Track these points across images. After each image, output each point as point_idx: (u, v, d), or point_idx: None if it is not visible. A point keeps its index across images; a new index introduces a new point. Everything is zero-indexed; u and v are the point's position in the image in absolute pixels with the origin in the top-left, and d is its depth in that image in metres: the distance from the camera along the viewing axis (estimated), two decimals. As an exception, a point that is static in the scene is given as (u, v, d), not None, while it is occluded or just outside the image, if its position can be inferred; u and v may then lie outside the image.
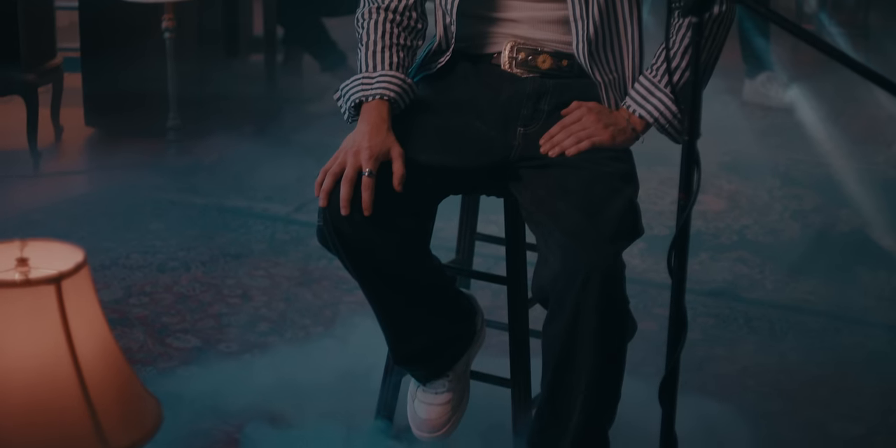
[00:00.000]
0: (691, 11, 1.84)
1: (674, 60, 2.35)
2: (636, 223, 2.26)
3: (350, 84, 2.37)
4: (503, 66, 2.42)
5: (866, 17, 6.32)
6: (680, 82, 2.33)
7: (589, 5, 2.34)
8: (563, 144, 2.33)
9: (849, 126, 5.07)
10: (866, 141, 4.91)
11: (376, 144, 2.26)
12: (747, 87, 5.46)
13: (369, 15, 2.44)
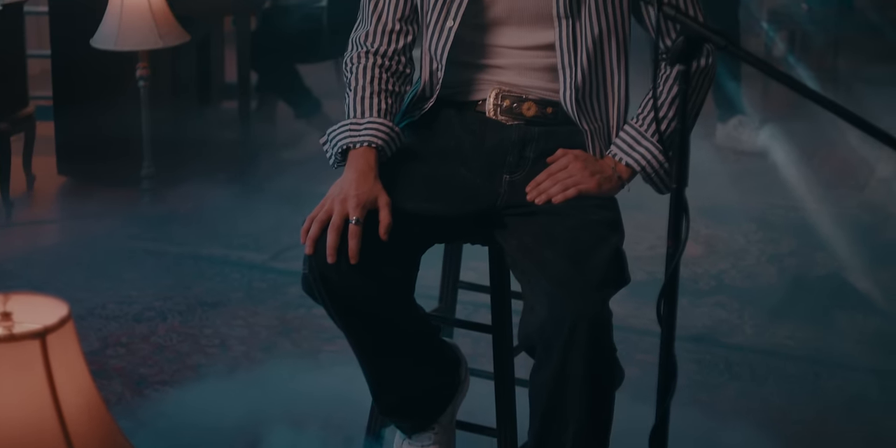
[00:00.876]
0: (678, 59, 1.85)
1: (661, 110, 2.36)
2: (623, 271, 2.25)
3: (337, 129, 2.37)
4: (488, 113, 2.42)
5: (835, 60, 6.37)
6: (667, 132, 2.34)
7: (577, 53, 2.35)
8: (550, 192, 2.33)
9: (821, 169, 5.09)
10: (839, 184, 4.94)
11: (364, 192, 2.25)
12: (720, 131, 5.48)
13: (358, 59, 2.43)
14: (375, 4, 2.44)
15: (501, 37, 2.40)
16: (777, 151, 5.28)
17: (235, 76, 5.41)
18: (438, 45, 2.40)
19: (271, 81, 5.33)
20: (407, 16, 2.43)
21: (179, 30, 4.41)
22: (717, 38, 1.82)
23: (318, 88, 5.44)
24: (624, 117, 2.44)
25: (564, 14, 2.34)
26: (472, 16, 2.39)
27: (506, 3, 2.37)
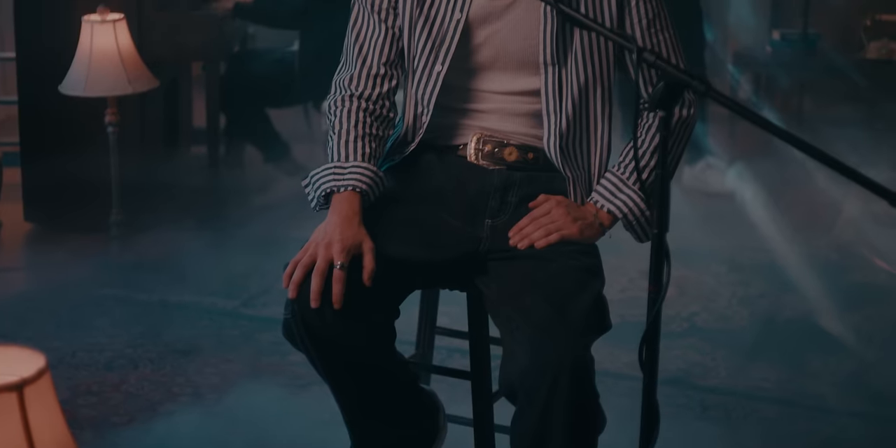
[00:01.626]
0: (659, 105, 1.86)
1: (642, 159, 2.38)
2: (604, 317, 2.25)
3: (320, 173, 2.36)
4: (469, 157, 2.42)
5: (800, 102, 6.43)
6: (648, 180, 2.36)
7: (563, 100, 2.36)
8: (533, 237, 2.33)
9: (790, 210, 5.11)
10: (808, 225, 4.96)
11: (348, 237, 2.24)
12: (687, 173, 5.51)
13: (342, 103, 2.43)
14: (360, 48, 2.44)
15: (487, 82, 2.41)
16: (745, 193, 5.31)
17: (203, 121, 5.40)
18: (426, 90, 2.41)
19: (240, 126, 5.33)
20: (392, 60, 2.44)
21: (149, 75, 4.40)
22: (697, 84, 1.83)
23: (288, 133, 5.44)
24: (606, 165, 2.45)
25: (551, 61, 2.35)
26: (460, 60, 2.39)
27: (493, 49, 2.38)
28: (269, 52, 5.50)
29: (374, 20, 2.43)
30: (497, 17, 2.37)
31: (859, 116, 6.20)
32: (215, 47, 4.97)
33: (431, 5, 2.39)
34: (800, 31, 6.48)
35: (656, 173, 1.94)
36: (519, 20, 2.36)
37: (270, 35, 6.04)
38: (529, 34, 2.36)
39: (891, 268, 4.47)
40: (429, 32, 2.39)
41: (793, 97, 6.43)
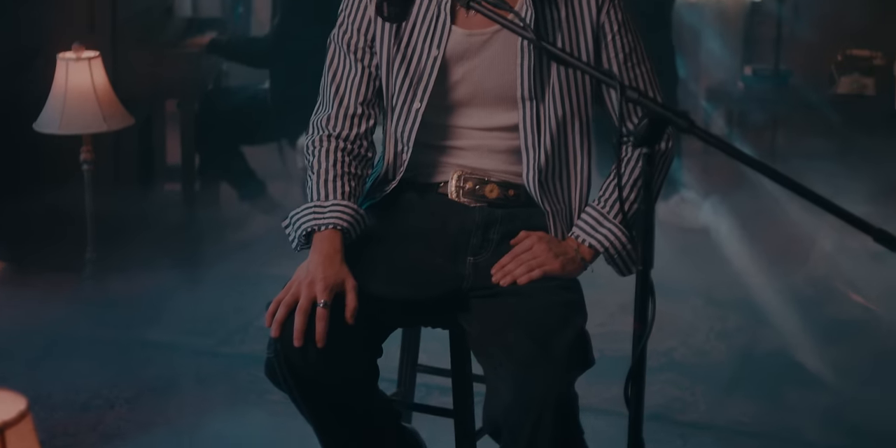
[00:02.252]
0: (642, 142, 1.86)
1: (623, 192, 2.39)
2: (587, 353, 2.25)
3: (300, 212, 2.36)
4: (450, 195, 2.43)
5: (773, 136, 6.46)
6: (629, 214, 2.36)
7: (541, 135, 2.37)
8: (515, 273, 2.33)
9: (764, 244, 5.12)
10: (783, 258, 4.97)
11: (331, 275, 2.24)
12: (662, 208, 5.52)
13: (320, 143, 2.43)
14: (337, 88, 2.44)
15: (465, 118, 2.41)
16: (720, 227, 5.33)
17: (178, 158, 5.39)
18: (405, 128, 2.41)
19: (215, 163, 5.31)
20: (369, 100, 2.44)
21: (124, 113, 4.39)
22: (681, 121, 1.84)
23: (263, 170, 5.42)
24: (586, 199, 2.46)
25: (529, 96, 2.36)
26: (438, 97, 2.39)
27: (471, 85, 2.39)
28: (242, 89, 5.50)
29: (350, 60, 2.43)
30: (474, 53, 2.38)
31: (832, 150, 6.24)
32: (190, 85, 4.97)
33: (408, 43, 2.39)
34: (772, 67, 6.53)
35: (640, 209, 1.95)
36: (496, 56, 2.37)
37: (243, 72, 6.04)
38: (507, 70, 2.37)
39: (866, 302, 4.48)
40: (406, 70, 2.39)
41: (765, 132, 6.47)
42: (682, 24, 6.58)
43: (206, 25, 5.82)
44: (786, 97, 6.45)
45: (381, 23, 2.40)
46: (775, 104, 6.34)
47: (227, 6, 7.32)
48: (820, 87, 6.73)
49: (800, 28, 6.83)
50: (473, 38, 2.38)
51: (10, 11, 4.73)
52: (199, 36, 5.44)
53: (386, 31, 2.40)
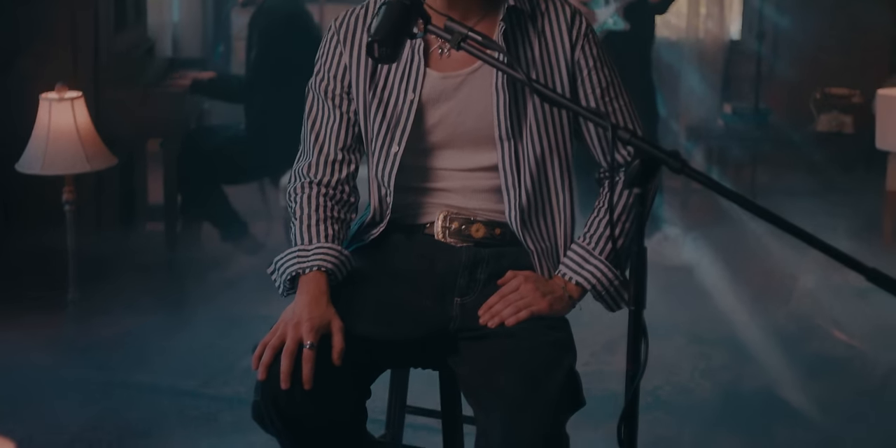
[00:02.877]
0: (635, 183, 1.86)
1: (608, 229, 2.38)
2: (577, 394, 2.24)
3: (284, 257, 2.35)
4: (436, 235, 2.42)
5: (753, 173, 6.49)
6: (615, 250, 2.36)
7: (521, 174, 2.37)
8: (503, 314, 2.32)
9: (747, 280, 5.14)
10: (765, 295, 4.98)
11: (317, 317, 2.23)
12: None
13: (301, 190, 2.44)
14: (317, 135, 2.46)
15: (445, 160, 2.42)
16: (702, 264, 5.34)
17: (159, 197, 5.37)
18: (385, 171, 2.41)
19: (197, 203, 5.29)
20: (349, 145, 2.45)
21: (107, 153, 4.38)
22: (673, 162, 1.84)
23: (245, 210, 5.41)
24: (571, 236, 2.46)
25: (506, 136, 2.36)
26: (417, 140, 2.40)
27: (448, 127, 2.39)
28: (223, 128, 5.50)
29: (328, 107, 2.45)
30: (450, 95, 2.39)
31: (812, 188, 6.28)
32: (173, 124, 4.97)
33: (384, 87, 2.40)
34: (751, 105, 6.57)
35: (631, 248, 1.95)
36: (472, 97, 2.38)
37: (225, 111, 6.05)
38: (483, 110, 2.37)
39: (848, 339, 4.49)
40: (383, 114, 2.40)
41: (745, 169, 6.50)
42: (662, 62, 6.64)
43: (187, 65, 5.84)
44: (765, 135, 6.49)
45: (356, 69, 2.41)
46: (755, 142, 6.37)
47: (207, 45, 7.34)
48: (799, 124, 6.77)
49: (779, 66, 6.89)
50: (448, 81, 2.39)
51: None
52: (180, 76, 5.45)
53: (362, 77, 2.41)
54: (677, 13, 7.12)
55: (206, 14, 7.37)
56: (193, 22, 7.28)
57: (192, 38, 7.29)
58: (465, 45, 2.10)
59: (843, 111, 6.68)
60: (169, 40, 6.96)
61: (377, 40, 2.10)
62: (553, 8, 2.41)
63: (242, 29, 7.17)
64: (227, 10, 7.25)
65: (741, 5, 7.22)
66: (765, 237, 5.43)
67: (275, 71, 5.02)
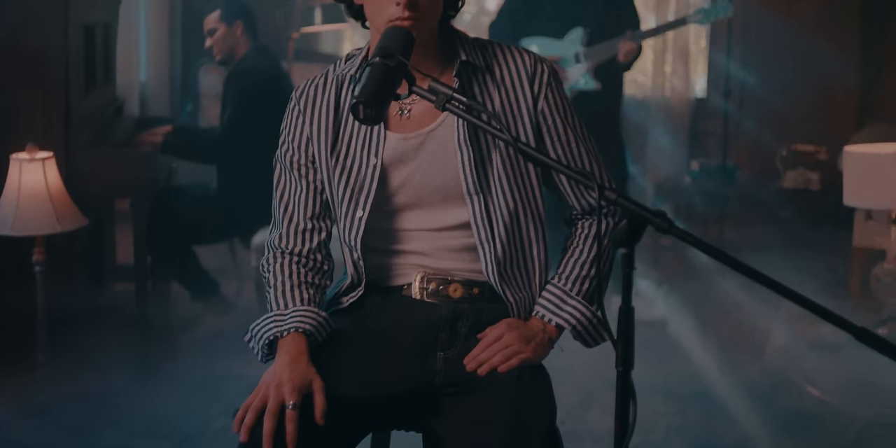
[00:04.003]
0: (622, 243, 1.87)
1: (583, 268, 2.42)
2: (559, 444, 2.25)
3: (261, 323, 2.37)
4: (414, 296, 2.42)
5: (721, 230, 6.53)
6: (590, 289, 2.39)
7: (494, 227, 2.38)
8: (493, 361, 2.33)
9: (719, 335, 5.15)
10: (737, 350, 4.99)
11: (298, 377, 2.23)
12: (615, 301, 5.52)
13: (274, 259, 2.47)
14: (285, 206, 2.48)
15: (414, 220, 2.42)
16: (674, 319, 5.35)
17: (127, 257, 5.34)
18: (351, 236, 2.42)
19: (167, 263, 5.26)
20: (318, 213, 2.47)
21: (77, 214, 4.36)
22: (659, 221, 1.85)
23: (214, 270, 5.38)
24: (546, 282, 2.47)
25: (475, 190, 2.37)
26: (382, 203, 2.41)
27: (414, 188, 2.39)
28: (192, 188, 5.48)
29: (295, 177, 2.47)
30: (412, 156, 2.39)
31: (779, 243, 6.31)
32: (142, 184, 4.95)
33: (347, 154, 2.42)
34: (718, 162, 6.62)
35: (620, 308, 1.95)
36: (434, 155, 2.38)
37: (193, 171, 6.04)
38: (448, 168, 2.38)
39: (821, 394, 4.50)
40: (347, 180, 2.41)
41: (713, 225, 6.54)
42: (629, 120, 6.70)
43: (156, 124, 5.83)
44: (733, 191, 6.54)
45: (318, 138, 2.43)
46: (723, 198, 6.42)
47: (175, 104, 7.35)
48: (766, 181, 6.84)
49: (745, 124, 6.97)
50: (409, 142, 2.39)
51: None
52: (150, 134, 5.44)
53: (323, 146, 2.43)
54: (643, 71, 7.20)
55: (174, 73, 7.39)
56: (161, 81, 7.30)
57: (160, 96, 7.31)
58: (450, 105, 2.10)
59: (809, 168, 6.75)
60: (137, 99, 6.97)
61: (362, 102, 2.10)
62: (512, 57, 2.42)
63: (211, 87, 7.22)
64: (196, 69, 7.28)
65: (706, 63, 7.30)
66: (736, 292, 5.45)
67: (249, 131, 5.03)
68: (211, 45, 5.24)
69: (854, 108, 7.05)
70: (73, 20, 4.62)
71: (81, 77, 4.81)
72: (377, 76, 2.11)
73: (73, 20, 4.63)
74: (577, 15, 5.53)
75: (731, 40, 6.09)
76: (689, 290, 5.57)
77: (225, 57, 5.24)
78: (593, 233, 2.45)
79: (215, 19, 5.23)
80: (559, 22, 5.52)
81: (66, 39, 4.60)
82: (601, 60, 5.50)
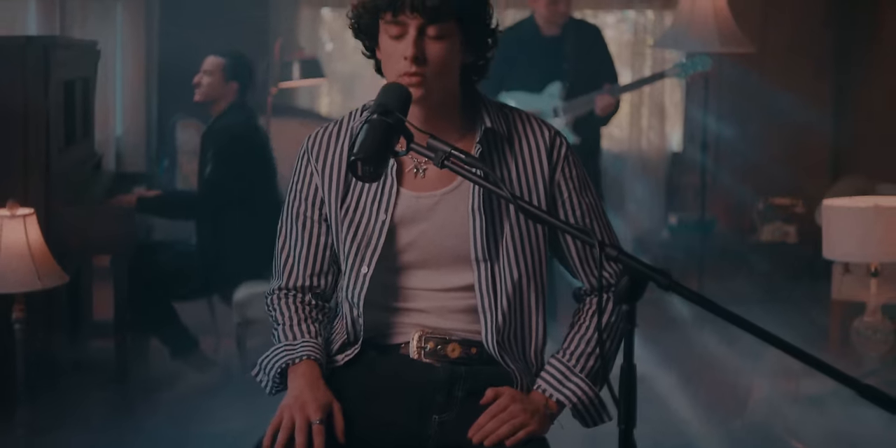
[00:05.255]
0: (624, 299, 1.86)
1: (588, 345, 2.39)
2: None
3: (271, 354, 2.39)
4: (412, 355, 2.41)
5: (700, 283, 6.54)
6: (595, 367, 2.36)
7: (497, 295, 2.37)
8: (500, 432, 2.31)
9: (701, 390, 5.13)
10: (720, 405, 4.98)
11: (320, 396, 2.29)
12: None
13: (279, 299, 2.48)
14: (286, 259, 2.50)
15: (419, 279, 2.41)
16: (656, 373, 5.33)
17: (105, 314, 5.29)
18: (354, 292, 2.41)
19: (146, 320, 5.21)
20: (318, 270, 2.49)
21: (58, 270, 4.31)
22: (660, 279, 1.85)
23: (193, 326, 5.34)
24: (542, 354, 2.46)
25: (483, 257, 2.36)
26: (391, 260, 2.40)
27: (423, 248, 2.39)
28: (171, 244, 5.45)
29: (297, 228, 2.47)
30: (424, 215, 2.39)
31: (758, 296, 6.32)
32: (123, 239, 4.91)
33: (356, 208, 2.41)
34: (695, 215, 6.65)
35: (622, 366, 1.94)
36: (447, 218, 2.38)
37: (172, 226, 6.01)
38: (458, 232, 2.37)
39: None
40: (354, 234, 2.40)
41: (692, 278, 6.54)
42: (607, 174, 6.72)
43: (132, 180, 5.81)
44: (710, 244, 6.56)
45: (328, 188, 2.42)
46: (701, 251, 6.43)
47: (150, 160, 7.33)
48: (743, 234, 6.87)
49: (721, 177, 7.01)
50: (423, 201, 2.39)
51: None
52: (126, 192, 5.42)
53: (333, 196, 2.42)
54: (619, 125, 7.24)
55: (150, 127, 7.37)
56: (137, 135, 7.28)
57: (136, 151, 7.29)
58: (449, 162, 2.10)
59: (785, 221, 6.78)
60: (113, 154, 6.94)
61: (360, 159, 2.09)
62: (531, 130, 2.43)
63: (187, 142, 7.21)
64: (172, 124, 7.26)
65: (682, 117, 7.35)
66: (717, 345, 5.45)
67: (229, 189, 5.01)
68: (199, 82, 5.19)
69: (826, 160, 7.11)
70: (54, 76, 4.61)
71: (61, 132, 4.79)
72: (375, 133, 2.10)
73: (55, 76, 4.62)
74: (555, 69, 5.57)
75: (708, 94, 6.13)
76: (670, 342, 5.56)
77: (205, 101, 5.20)
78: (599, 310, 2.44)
79: (217, 67, 5.18)
80: (537, 76, 5.56)
81: (47, 95, 4.58)
82: (579, 114, 5.54)
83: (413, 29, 2.28)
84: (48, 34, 5.87)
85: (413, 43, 2.27)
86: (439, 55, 2.29)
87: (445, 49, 2.30)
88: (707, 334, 5.61)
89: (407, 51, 2.27)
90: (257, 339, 5.18)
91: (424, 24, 2.28)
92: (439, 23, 2.28)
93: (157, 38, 7.26)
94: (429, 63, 2.28)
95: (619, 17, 7.56)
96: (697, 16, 5.94)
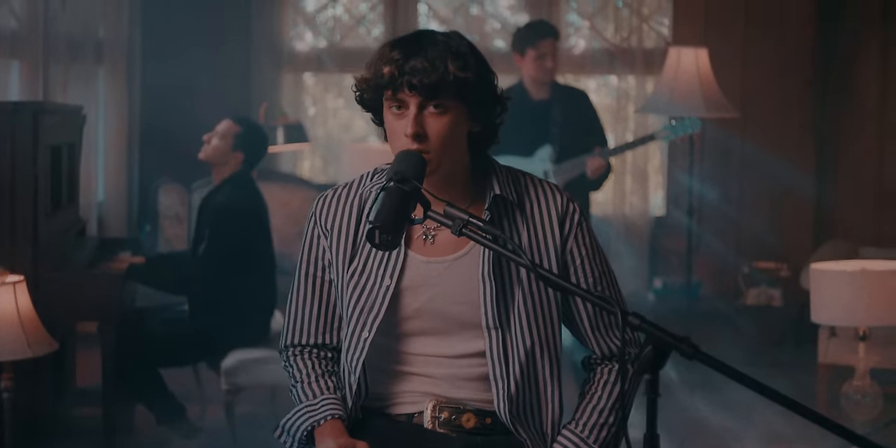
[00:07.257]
0: (646, 369, 1.85)
1: (602, 416, 2.37)
2: None
3: (293, 417, 2.38)
4: (426, 425, 2.38)
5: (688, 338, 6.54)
6: (608, 438, 2.34)
7: (509, 363, 2.35)
8: None
9: None
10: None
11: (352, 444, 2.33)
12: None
13: (293, 356, 2.49)
14: (295, 319, 2.51)
15: (429, 346, 2.39)
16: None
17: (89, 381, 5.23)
18: (353, 356, 2.41)
19: (133, 387, 5.15)
20: (327, 330, 2.50)
21: (48, 338, 4.26)
22: (684, 347, 1.84)
23: (182, 394, 5.28)
24: (558, 424, 2.43)
25: (494, 325, 2.34)
26: (399, 325, 2.38)
27: (433, 314, 2.37)
28: (159, 310, 5.40)
29: (307, 289, 2.48)
30: (434, 281, 2.37)
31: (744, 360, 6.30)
32: (110, 306, 4.87)
33: (363, 272, 2.40)
34: (679, 279, 6.64)
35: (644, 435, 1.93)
36: (457, 284, 2.36)
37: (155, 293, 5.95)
38: (468, 299, 2.35)
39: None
40: (358, 298, 2.39)
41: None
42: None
43: (116, 246, 5.76)
44: (696, 308, 6.55)
45: (336, 250, 2.41)
46: (686, 315, 6.42)
47: (132, 225, 7.29)
48: (728, 298, 6.87)
49: (705, 240, 7.02)
50: (432, 266, 2.37)
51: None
52: (111, 258, 5.37)
53: (340, 259, 2.41)
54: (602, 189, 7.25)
55: (132, 192, 7.34)
56: (119, 200, 7.25)
57: (118, 217, 7.25)
58: (467, 230, 2.09)
59: (770, 285, 6.79)
60: (94, 220, 6.91)
61: (378, 227, 2.08)
62: (544, 195, 2.42)
63: (170, 207, 7.19)
64: (155, 189, 7.23)
65: (665, 180, 7.38)
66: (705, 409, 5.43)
67: (224, 263, 4.96)
68: (207, 141, 5.11)
69: (811, 222, 7.14)
70: (42, 142, 4.59)
71: (48, 198, 4.77)
72: (392, 201, 2.10)
73: (42, 142, 4.61)
74: (544, 133, 5.60)
75: (693, 157, 6.16)
76: (660, 406, 5.53)
77: (208, 161, 5.11)
78: (613, 379, 2.43)
79: (228, 133, 5.08)
80: (527, 140, 5.58)
81: (35, 162, 4.56)
82: (570, 178, 5.56)
83: (413, 106, 2.28)
84: (31, 99, 5.86)
85: (413, 120, 2.28)
86: (440, 131, 2.29)
87: (447, 124, 2.29)
88: (697, 398, 5.59)
89: (407, 128, 2.27)
90: (246, 405, 5.14)
91: (424, 101, 2.28)
92: (439, 99, 2.28)
93: (140, 102, 7.25)
94: (430, 139, 2.28)
95: (600, 81, 7.61)
96: (681, 82, 5.97)
